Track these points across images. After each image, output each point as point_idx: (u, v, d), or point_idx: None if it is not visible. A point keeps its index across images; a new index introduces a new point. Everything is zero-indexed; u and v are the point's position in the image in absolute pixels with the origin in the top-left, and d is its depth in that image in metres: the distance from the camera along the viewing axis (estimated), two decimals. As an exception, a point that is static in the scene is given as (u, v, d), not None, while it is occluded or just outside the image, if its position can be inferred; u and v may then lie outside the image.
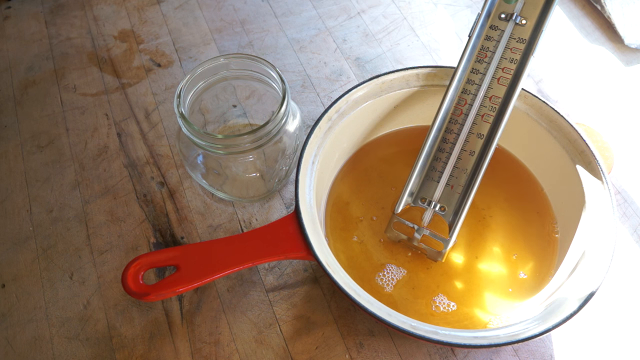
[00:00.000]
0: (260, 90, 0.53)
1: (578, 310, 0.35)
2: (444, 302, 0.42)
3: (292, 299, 0.44)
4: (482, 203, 0.46)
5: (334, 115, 0.44)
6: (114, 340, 0.42)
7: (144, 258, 0.38)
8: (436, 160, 0.43)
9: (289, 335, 0.43)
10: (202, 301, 0.44)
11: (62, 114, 0.55)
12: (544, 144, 0.45)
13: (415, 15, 0.63)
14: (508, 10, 0.41)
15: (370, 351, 0.42)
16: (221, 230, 0.48)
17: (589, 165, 0.42)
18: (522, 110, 0.45)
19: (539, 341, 0.43)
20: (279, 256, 0.39)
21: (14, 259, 0.46)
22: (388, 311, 0.36)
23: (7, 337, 0.43)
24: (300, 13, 0.63)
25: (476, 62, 0.42)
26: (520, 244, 0.45)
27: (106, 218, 0.48)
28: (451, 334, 0.35)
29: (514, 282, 0.43)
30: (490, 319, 0.41)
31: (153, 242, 0.47)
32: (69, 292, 0.45)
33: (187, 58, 0.59)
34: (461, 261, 0.44)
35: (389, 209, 0.46)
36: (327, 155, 0.45)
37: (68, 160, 0.52)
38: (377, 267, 0.43)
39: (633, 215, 0.49)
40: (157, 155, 0.52)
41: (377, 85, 0.46)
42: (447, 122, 0.43)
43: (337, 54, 0.60)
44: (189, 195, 0.49)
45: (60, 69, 0.58)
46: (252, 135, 0.41)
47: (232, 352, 0.42)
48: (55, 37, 0.60)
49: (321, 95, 0.57)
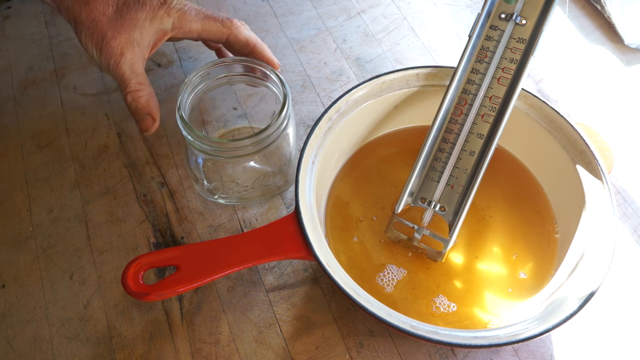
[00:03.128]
0: (261, 92, 0.53)
1: (578, 310, 0.35)
2: (444, 303, 0.42)
3: (292, 299, 0.44)
4: (482, 203, 0.46)
5: (334, 115, 0.44)
6: (114, 340, 0.42)
7: (144, 258, 0.38)
8: (436, 160, 0.43)
9: (289, 335, 0.43)
10: (202, 301, 0.44)
11: (62, 114, 0.55)
12: (544, 144, 0.45)
13: (415, 15, 0.63)
14: (508, 10, 0.41)
15: (370, 351, 0.42)
16: (221, 230, 0.48)
17: (589, 165, 0.42)
18: (522, 110, 0.45)
19: (539, 341, 0.43)
20: (279, 256, 0.39)
21: (14, 259, 0.46)
22: (388, 311, 0.36)
23: (7, 337, 0.43)
24: (300, 13, 0.63)
25: (476, 62, 0.42)
26: (520, 244, 0.45)
27: (106, 218, 0.48)
28: (451, 334, 0.35)
29: (514, 282, 0.43)
30: (490, 319, 0.41)
31: (153, 242, 0.47)
32: (69, 292, 0.45)
33: (187, 58, 0.59)
34: (461, 261, 0.44)
35: (389, 209, 0.46)
36: (327, 155, 0.45)
37: (68, 160, 0.52)
38: (378, 268, 0.43)
39: (633, 215, 0.49)
40: (157, 155, 0.52)
41: (377, 85, 0.46)
42: (447, 122, 0.43)
43: (337, 54, 0.60)
44: (189, 195, 0.50)
45: (60, 69, 0.58)
46: (254, 138, 0.41)
47: (232, 352, 0.42)
48: (55, 37, 0.60)
49: (321, 95, 0.57)
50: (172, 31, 0.46)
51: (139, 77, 0.45)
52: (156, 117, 0.46)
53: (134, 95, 0.45)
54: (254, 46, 0.48)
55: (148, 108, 0.45)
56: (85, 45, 0.46)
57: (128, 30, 0.44)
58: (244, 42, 0.48)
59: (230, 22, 0.47)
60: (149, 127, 0.46)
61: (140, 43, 0.45)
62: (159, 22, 0.45)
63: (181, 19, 0.46)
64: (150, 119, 0.46)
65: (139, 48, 0.45)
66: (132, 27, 0.45)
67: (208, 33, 0.47)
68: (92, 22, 0.45)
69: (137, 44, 0.45)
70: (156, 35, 0.46)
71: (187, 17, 0.46)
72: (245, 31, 0.48)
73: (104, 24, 0.44)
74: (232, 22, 0.47)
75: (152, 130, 0.46)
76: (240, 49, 0.48)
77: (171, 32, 0.46)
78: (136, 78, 0.45)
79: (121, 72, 0.45)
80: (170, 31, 0.46)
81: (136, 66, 0.45)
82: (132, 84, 0.45)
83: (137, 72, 0.45)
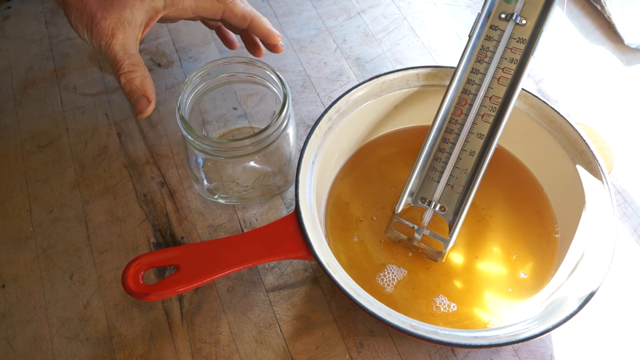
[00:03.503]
0: (261, 92, 0.53)
1: (578, 310, 0.35)
2: (444, 302, 0.42)
3: (292, 299, 0.44)
4: (482, 203, 0.46)
5: (334, 115, 0.44)
6: (114, 340, 0.42)
7: (144, 258, 0.38)
8: (436, 160, 0.43)
9: (289, 335, 0.43)
10: (202, 301, 0.44)
11: (62, 114, 0.55)
12: (544, 144, 0.45)
13: (415, 15, 0.63)
14: (508, 10, 0.41)
15: (371, 351, 0.42)
16: (221, 230, 0.48)
17: (589, 165, 0.42)
18: (522, 110, 0.45)
19: (539, 341, 0.43)
20: (279, 256, 0.39)
21: (14, 259, 0.46)
22: (388, 311, 0.36)
23: (7, 337, 0.43)
24: (300, 13, 0.63)
25: (476, 62, 0.42)
26: (520, 244, 0.45)
27: (106, 218, 0.48)
28: (451, 334, 0.35)
29: (514, 282, 0.43)
30: (490, 319, 0.41)
31: (153, 242, 0.47)
32: (69, 292, 0.45)
33: (187, 58, 0.59)
34: (461, 261, 0.44)
35: (389, 209, 0.46)
36: (327, 155, 0.45)
37: (68, 160, 0.52)
38: (378, 268, 0.43)
39: (633, 215, 0.49)
40: (157, 155, 0.52)
41: (377, 85, 0.46)
42: (447, 122, 0.43)
43: (337, 54, 0.60)
44: (189, 195, 0.50)
45: (60, 69, 0.58)
46: (254, 138, 0.41)
47: (232, 352, 0.42)
48: (55, 37, 0.60)
49: (321, 95, 0.57)
50: (165, 9, 0.45)
51: (132, 58, 0.43)
52: (151, 98, 0.44)
53: (127, 76, 0.43)
54: (252, 19, 0.47)
55: (142, 89, 0.43)
56: (75, 27, 0.44)
57: (118, 10, 0.43)
58: (241, 16, 0.46)
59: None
60: (143, 109, 0.44)
61: (132, 22, 0.43)
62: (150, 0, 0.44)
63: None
64: (145, 100, 0.43)
65: (130, 28, 0.43)
66: (122, 6, 0.43)
67: (202, 10, 0.46)
68: (81, 3, 0.43)
69: (129, 23, 0.43)
70: (148, 14, 0.44)
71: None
72: (241, 4, 0.46)
73: (92, 4, 0.43)
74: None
75: (148, 112, 0.44)
76: (238, 24, 0.47)
77: (163, 11, 0.45)
78: (129, 59, 0.43)
79: (113, 53, 0.43)
80: (163, 9, 0.45)
81: (129, 47, 0.43)
82: (124, 65, 0.43)
83: (129, 52, 0.43)
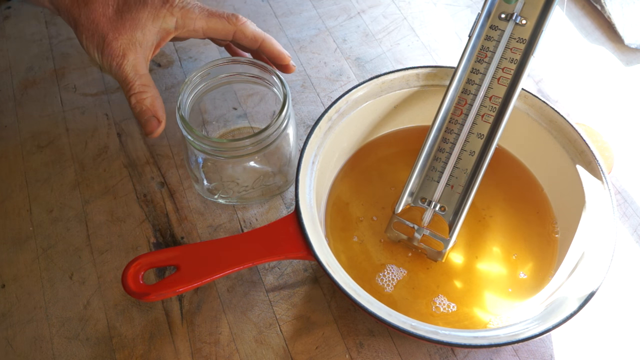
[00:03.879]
0: (261, 92, 0.53)
1: (578, 310, 0.35)
2: (444, 302, 0.42)
3: (292, 299, 0.44)
4: (482, 203, 0.46)
5: (334, 115, 0.44)
6: (114, 340, 0.42)
7: (144, 258, 0.38)
8: (436, 160, 0.43)
9: (289, 335, 0.43)
10: (202, 301, 0.44)
11: (62, 114, 0.55)
12: (544, 144, 0.45)
13: (415, 15, 0.63)
14: (508, 10, 0.41)
15: (370, 351, 0.42)
16: (221, 230, 0.48)
17: (589, 165, 0.42)
18: (522, 110, 0.45)
19: (539, 341, 0.43)
20: (279, 256, 0.39)
21: (14, 259, 0.46)
22: (388, 311, 0.36)
23: (7, 337, 0.43)
24: (300, 13, 0.63)
25: (476, 62, 0.42)
26: (520, 244, 0.45)
27: (106, 218, 0.48)
28: (451, 334, 0.35)
29: (514, 282, 0.43)
30: (490, 319, 0.41)
31: (153, 242, 0.47)
32: (69, 292, 0.45)
33: (187, 58, 0.59)
34: (461, 261, 0.44)
35: (389, 209, 0.46)
36: (327, 155, 0.45)
37: (68, 160, 0.52)
38: (378, 268, 0.43)
39: (633, 215, 0.49)
40: (157, 155, 0.52)
41: (377, 85, 0.46)
42: (447, 122, 0.43)
43: (337, 54, 0.60)
44: (189, 195, 0.50)
45: (60, 69, 0.58)
46: (254, 138, 0.41)
47: (232, 352, 0.42)
48: (55, 37, 0.60)
49: (321, 95, 0.57)
50: (176, 30, 0.46)
51: (143, 79, 0.44)
52: (162, 118, 0.45)
53: (137, 97, 0.44)
54: (263, 41, 0.47)
55: (153, 110, 0.44)
56: (86, 48, 0.45)
57: (130, 31, 0.44)
58: (251, 37, 0.47)
59: (235, 19, 0.46)
60: (154, 130, 0.44)
61: (143, 43, 0.44)
62: (162, 21, 0.44)
63: (185, 18, 0.45)
64: (156, 121, 0.44)
65: (141, 49, 0.44)
66: (133, 27, 0.44)
67: (214, 31, 0.46)
68: (92, 24, 0.44)
69: (140, 44, 0.44)
70: (159, 35, 0.45)
71: (191, 15, 0.45)
72: (252, 26, 0.47)
73: (104, 25, 0.44)
74: (237, 19, 0.46)
75: (158, 132, 0.45)
76: (248, 44, 0.47)
77: (175, 32, 0.46)
78: (140, 80, 0.44)
79: (124, 74, 0.44)
80: (174, 30, 0.45)
81: (139, 67, 0.44)
82: (135, 85, 0.44)
83: (140, 73, 0.44)
